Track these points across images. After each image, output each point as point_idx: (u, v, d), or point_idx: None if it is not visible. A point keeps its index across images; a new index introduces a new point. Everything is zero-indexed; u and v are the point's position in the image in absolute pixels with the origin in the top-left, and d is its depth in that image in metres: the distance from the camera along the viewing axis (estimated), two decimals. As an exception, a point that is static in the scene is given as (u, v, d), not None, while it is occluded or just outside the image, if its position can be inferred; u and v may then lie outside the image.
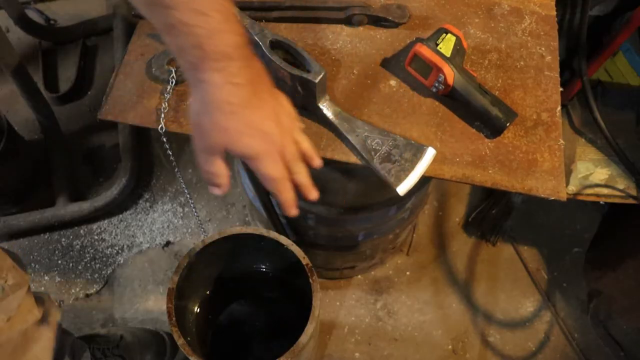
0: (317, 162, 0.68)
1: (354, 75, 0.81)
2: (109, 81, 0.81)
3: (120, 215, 1.63)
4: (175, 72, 0.78)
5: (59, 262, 1.56)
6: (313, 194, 0.66)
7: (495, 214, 1.56)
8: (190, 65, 0.52)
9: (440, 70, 0.74)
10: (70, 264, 1.55)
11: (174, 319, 0.89)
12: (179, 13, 0.49)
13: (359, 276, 1.53)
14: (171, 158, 0.86)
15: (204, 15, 0.49)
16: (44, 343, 0.97)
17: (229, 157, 0.60)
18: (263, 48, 0.72)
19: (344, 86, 0.80)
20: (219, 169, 0.60)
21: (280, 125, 0.59)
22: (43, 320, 0.97)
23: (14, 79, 1.39)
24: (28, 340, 0.91)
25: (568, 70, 1.26)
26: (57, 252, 1.57)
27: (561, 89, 0.81)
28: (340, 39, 0.85)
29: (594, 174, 1.31)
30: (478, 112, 0.74)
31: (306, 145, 0.66)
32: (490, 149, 0.75)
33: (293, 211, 0.64)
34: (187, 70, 0.54)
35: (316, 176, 0.93)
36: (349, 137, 0.73)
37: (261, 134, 0.57)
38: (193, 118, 0.57)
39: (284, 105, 0.63)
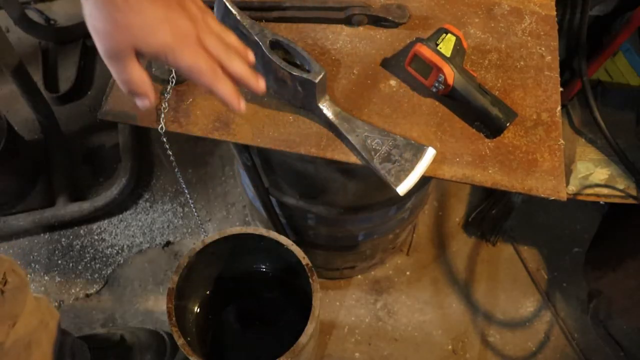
0: (251, 57, 0.61)
1: (354, 75, 0.81)
2: (109, 81, 0.81)
3: (120, 215, 1.63)
4: (176, 72, 0.78)
5: (59, 262, 1.56)
6: (260, 84, 0.59)
7: (495, 214, 1.56)
8: None
9: (440, 70, 0.74)
10: (70, 264, 1.55)
11: (174, 319, 0.89)
12: None
13: (359, 276, 1.53)
14: (171, 158, 0.86)
15: None
16: (46, 346, 0.97)
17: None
18: (263, 48, 0.72)
19: (344, 86, 0.80)
20: (136, 74, 0.53)
21: (188, 14, 0.53)
22: (44, 322, 0.97)
23: (14, 79, 1.39)
24: (30, 344, 0.91)
25: (568, 70, 1.26)
26: (57, 252, 1.57)
27: (561, 89, 0.81)
28: (340, 39, 0.85)
29: (594, 174, 1.31)
30: (478, 112, 0.74)
31: (233, 38, 0.59)
32: (490, 149, 0.75)
33: (241, 105, 0.57)
34: None
35: (316, 176, 0.93)
36: (349, 137, 0.73)
37: (169, 25, 0.51)
38: (90, 23, 0.51)
39: None
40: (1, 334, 0.83)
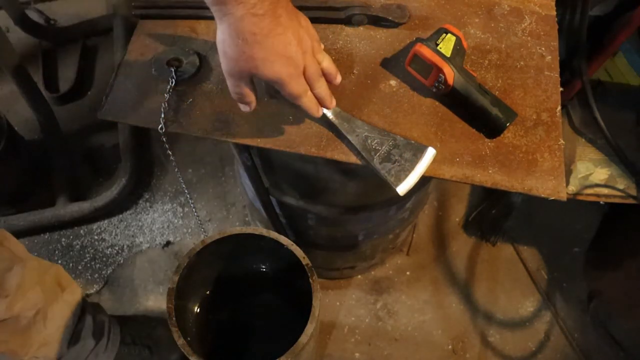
0: (338, 80, 0.73)
1: (354, 75, 0.81)
2: (109, 81, 0.81)
3: (120, 215, 1.63)
4: (175, 72, 0.78)
5: (59, 262, 1.55)
6: (332, 102, 0.72)
7: (495, 214, 1.56)
8: (216, 0, 0.58)
9: (440, 70, 0.74)
10: (70, 264, 1.55)
11: (174, 319, 0.89)
12: None
13: (359, 276, 1.53)
14: (171, 158, 0.86)
15: None
16: (58, 322, 0.97)
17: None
18: (263, 48, 0.72)
19: (344, 86, 0.80)
20: (247, 91, 0.67)
21: (302, 48, 0.63)
22: (51, 297, 0.97)
23: (14, 79, 1.39)
24: (37, 318, 0.91)
25: (568, 70, 1.26)
26: (57, 252, 1.57)
27: (561, 89, 0.80)
28: (340, 39, 0.85)
29: (594, 174, 1.31)
30: (478, 112, 0.74)
31: (327, 63, 0.70)
32: (490, 149, 0.75)
33: (318, 113, 0.71)
34: (212, 5, 0.59)
35: (316, 176, 0.93)
36: (349, 137, 0.73)
37: (285, 59, 0.62)
38: (220, 47, 0.62)
39: (305, 26, 0.66)
40: None
